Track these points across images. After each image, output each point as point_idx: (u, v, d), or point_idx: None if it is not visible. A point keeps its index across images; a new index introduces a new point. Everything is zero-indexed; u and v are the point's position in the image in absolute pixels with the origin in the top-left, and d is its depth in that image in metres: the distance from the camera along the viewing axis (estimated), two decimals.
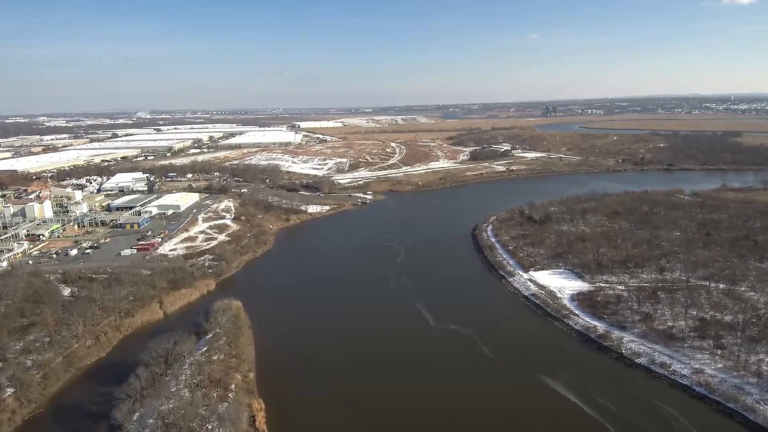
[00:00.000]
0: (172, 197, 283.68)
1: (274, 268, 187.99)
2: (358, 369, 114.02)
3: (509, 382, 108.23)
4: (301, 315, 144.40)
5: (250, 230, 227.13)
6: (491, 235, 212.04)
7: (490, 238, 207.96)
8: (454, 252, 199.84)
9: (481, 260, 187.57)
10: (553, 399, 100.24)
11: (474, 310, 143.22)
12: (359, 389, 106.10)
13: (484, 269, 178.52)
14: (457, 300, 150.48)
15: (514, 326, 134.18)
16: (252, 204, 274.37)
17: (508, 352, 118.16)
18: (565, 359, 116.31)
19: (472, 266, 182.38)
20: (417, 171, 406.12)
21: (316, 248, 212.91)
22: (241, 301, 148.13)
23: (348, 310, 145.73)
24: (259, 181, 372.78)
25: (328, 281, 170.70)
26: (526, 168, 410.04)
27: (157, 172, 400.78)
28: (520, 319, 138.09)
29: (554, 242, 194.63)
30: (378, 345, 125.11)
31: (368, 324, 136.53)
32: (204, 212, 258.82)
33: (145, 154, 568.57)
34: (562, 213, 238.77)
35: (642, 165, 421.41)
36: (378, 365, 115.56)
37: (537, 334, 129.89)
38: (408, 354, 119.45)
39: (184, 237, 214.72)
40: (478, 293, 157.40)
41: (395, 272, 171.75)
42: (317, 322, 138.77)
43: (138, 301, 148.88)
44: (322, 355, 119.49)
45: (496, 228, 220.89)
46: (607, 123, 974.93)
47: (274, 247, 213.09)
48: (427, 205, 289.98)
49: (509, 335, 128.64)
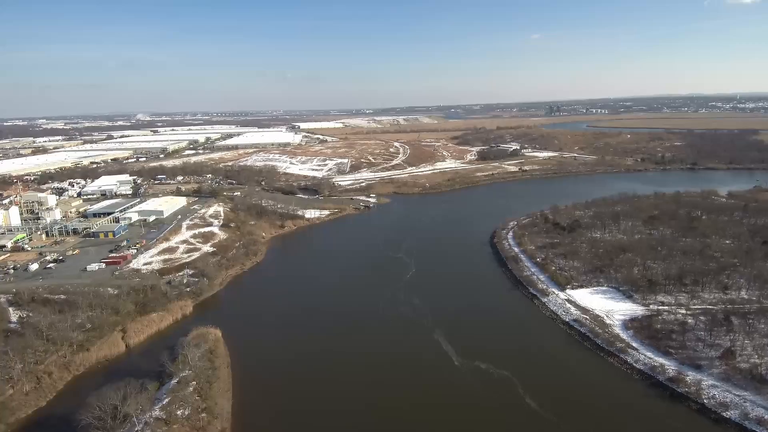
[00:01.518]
0: (155, 202, 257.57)
1: (263, 286, 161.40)
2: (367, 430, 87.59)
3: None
4: (293, 349, 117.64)
5: (240, 239, 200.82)
6: (513, 244, 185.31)
7: (513, 248, 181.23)
8: (473, 265, 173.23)
9: (506, 275, 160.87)
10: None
11: (506, 342, 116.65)
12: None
13: (510, 286, 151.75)
14: (484, 328, 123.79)
15: (560, 364, 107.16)
16: (244, 209, 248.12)
17: (559, 404, 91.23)
18: (632, 413, 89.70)
19: (496, 283, 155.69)
20: (423, 172, 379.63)
21: (313, 261, 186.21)
22: (221, 329, 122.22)
23: (351, 344, 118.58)
24: (254, 183, 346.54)
25: (327, 303, 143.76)
26: (540, 168, 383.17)
27: (146, 175, 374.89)
28: (565, 354, 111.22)
29: (589, 253, 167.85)
30: (391, 394, 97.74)
31: (377, 364, 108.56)
32: (190, 218, 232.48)
33: (136, 156, 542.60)
34: (591, 218, 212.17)
35: (664, 164, 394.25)
36: (392, 426, 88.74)
37: (590, 375, 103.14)
38: (431, 407, 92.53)
39: (163, 248, 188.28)
40: (508, 319, 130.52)
41: (406, 292, 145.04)
42: (313, 360, 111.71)
43: (95, 331, 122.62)
44: (318, 410, 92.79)
45: (518, 235, 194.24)
46: (614, 122, 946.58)
47: (266, 258, 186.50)
48: (437, 209, 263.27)
49: (556, 378, 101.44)
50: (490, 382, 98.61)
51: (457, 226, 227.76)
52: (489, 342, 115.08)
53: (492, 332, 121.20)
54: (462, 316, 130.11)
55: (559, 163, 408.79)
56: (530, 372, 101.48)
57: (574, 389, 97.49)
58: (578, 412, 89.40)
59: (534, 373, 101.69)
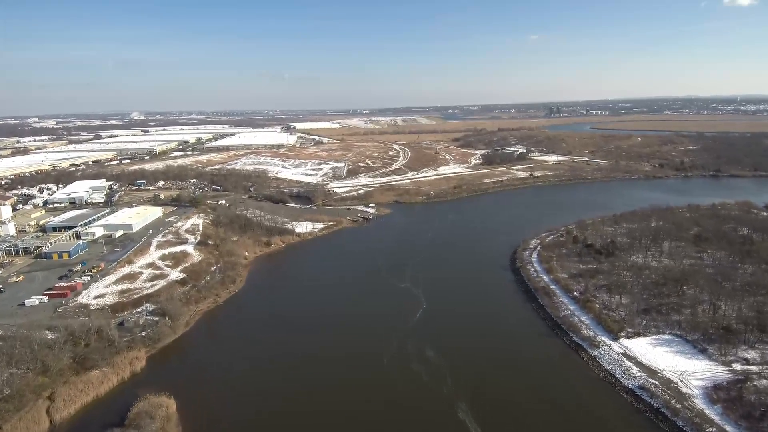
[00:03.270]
0: (126, 213, 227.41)
1: (239, 327, 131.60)
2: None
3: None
4: (272, 425, 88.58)
5: (217, 261, 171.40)
6: (541, 270, 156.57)
7: (541, 275, 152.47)
8: (495, 298, 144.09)
9: (537, 313, 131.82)
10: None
11: (555, 422, 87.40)
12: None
13: (546, 330, 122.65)
14: (521, 398, 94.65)
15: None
16: (226, 221, 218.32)
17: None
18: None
19: (527, 325, 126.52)
20: (426, 177, 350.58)
21: (301, 291, 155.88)
22: (177, 400, 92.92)
23: (348, 423, 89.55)
24: (242, 189, 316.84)
25: (317, 354, 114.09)
26: (552, 174, 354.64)
27: (124, 180, 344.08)
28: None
29: (636, 285, 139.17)
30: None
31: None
32: (163, 234, 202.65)
33: (120, 158, 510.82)
34: (625, 236, 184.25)
35: (684, 170, 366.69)
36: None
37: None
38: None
39: (123, 274, 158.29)
40: (550, 382, 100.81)
41: (416, 340, 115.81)
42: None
43: (13, 401, 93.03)
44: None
45: (545, 258, 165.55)
46: (618, 124, 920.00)
47: (246, 286, 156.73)
48: (444, 222, 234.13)
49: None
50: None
51: (469, 243, 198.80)
52: (529, 418, 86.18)
53: (532, 404, 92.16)
54: (489, 377, 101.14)
55: (571, 168, 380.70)
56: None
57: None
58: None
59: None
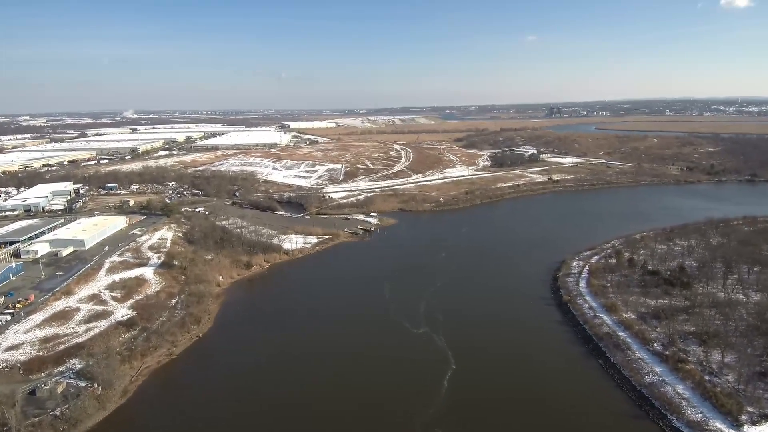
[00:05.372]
0: (81, 224, 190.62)
1: (199, 397, 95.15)
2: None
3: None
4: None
5: (181, 290, 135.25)
6: (598, 307, 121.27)
7: (600, 315, 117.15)
8: (545, 351, 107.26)
9: (608, 375, 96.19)
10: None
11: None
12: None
13: (632, 409, 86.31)
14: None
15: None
16: (200, 235, 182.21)
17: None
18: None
19: (601, 399, 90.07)
20: (432, 181, 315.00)
21: (286, 337, 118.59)
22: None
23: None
24: (226, 194, 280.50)
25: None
26: (573, 177, 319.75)
27: (94, 182, 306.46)
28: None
29: (734, 332, 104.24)
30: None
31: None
32: (120, 251, 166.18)
33: (99, 158, 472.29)
34: (682, 255, 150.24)
35: (715, 174, 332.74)
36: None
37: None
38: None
39: (55, 311, 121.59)
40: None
41: (446, 427, 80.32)
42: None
43: None
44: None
45: (597, 288, 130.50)
46: (622, 125, 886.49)
47: (214, 329, 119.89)
48: (459, 237, 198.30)
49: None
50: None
51: (494, 264, 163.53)
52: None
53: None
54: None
55: (591, 171, 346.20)
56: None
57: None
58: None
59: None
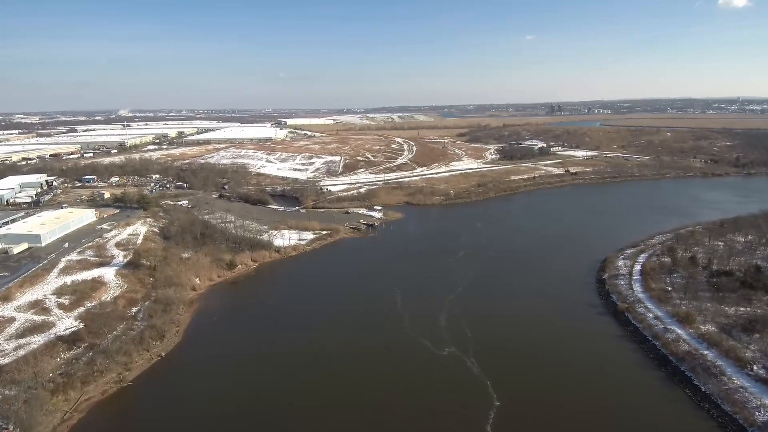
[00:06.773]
0: (42, 218, 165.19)
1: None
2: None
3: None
4: None
5: (146, 296, 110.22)
6: (665, 317, 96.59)
7: (671, 327, 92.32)
8: (610, 376, 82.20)
9: (700, 406, 71.95)
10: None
11: None
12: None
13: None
14: None
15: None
16: (178, 230, 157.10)
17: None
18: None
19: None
20: (439, 174, 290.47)
21: (273, 357, 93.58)
22: None
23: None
24: (214, 187, 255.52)
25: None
26: (592, 170, 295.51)
27: (70, 174, 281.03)
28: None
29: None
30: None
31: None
32: (82, 248, 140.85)
33: (82, 151, 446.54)
34: (745, 253, 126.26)
35: (743, 167, 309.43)
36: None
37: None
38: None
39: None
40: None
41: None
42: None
43: None
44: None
45: (657, 293, 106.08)
46: (626, 121, 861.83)
47: (183, 345, 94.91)
48: (475, 233, 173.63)
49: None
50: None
51: (523, 263, 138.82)
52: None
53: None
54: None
55: (609, 163, 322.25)
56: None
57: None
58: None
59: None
